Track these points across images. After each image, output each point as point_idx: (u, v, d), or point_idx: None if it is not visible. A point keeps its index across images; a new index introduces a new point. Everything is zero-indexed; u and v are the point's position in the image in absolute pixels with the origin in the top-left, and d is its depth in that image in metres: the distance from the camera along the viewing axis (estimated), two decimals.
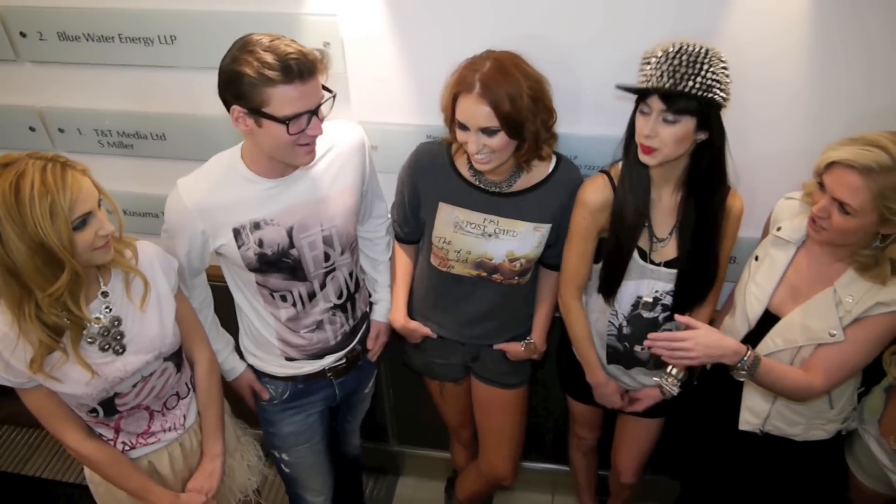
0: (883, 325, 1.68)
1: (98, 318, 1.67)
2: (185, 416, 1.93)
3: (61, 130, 2.36)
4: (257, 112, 1.60)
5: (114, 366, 1.70)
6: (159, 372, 1.81)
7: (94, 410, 1.75)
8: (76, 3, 2.10)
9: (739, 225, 1.89)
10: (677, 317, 1.69)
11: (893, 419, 1.86)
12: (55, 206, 1.45)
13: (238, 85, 1.58)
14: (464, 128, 1.78)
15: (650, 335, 1.69)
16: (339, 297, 2.00)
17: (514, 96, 1.71)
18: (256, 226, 1.81)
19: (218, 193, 1.78)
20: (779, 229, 1.83)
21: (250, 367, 2.14)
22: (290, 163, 1.76)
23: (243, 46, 1.58)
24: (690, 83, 1.61)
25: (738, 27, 1.81)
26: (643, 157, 1.74)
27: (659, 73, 1.62)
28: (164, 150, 2.31)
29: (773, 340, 1.80)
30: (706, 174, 1.78)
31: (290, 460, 2.25)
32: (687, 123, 1.67)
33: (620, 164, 1.86)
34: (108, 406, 1.75)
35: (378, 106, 2.13)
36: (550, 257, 2.06)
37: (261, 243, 1.82)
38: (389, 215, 2.19)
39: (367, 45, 2.02)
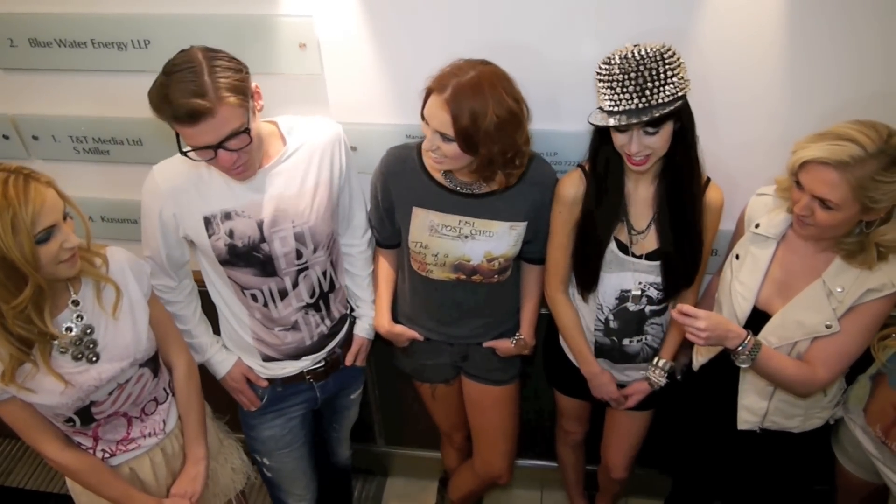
0: (875, 310, 1.70)
1: (69, 329, 1.66)
2: (164, 421, 1.91)
3: (35, 138, 2.32)
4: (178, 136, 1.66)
5: (88, 374, 1.68)
6: (135, 378, 1.79)
7: (70, 420, 1.73)
8: (47, 9, 2.07)
9: (720, 217, 1.90)
10: (681, 306, 1.67)
11: (879, 407, 1.88)
12: (17, 219, 1.43)
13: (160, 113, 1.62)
14: (426, 121, 1.78)
15: (681, 306, 1.67)
16: (312, 295, 2.00)
17: (477, 115, 1.69)
18: (227, 216, 1.82)
19: (190, 180, 1.81)
20: (757, 226, 1.84)
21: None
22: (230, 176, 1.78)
23: (158, 78, 1.60)
24: (661, 94, 1.61)
25: (709, 24, 1.82)
26: (636, 168, 1.75)
27: (626, 95, 1.62)
28: (141, 155, 2.28)
29: (766, 339, 1.79)
30: (681, 163, 1.78)
31: (272, 465, 2.24)
32: (668, 126, 1.68)
33: None
34: (85, 415, 1.74)
35: (356, 106, 2.11)
36: (530, 252, 2.07)
37: (231, 234, 1.83)
38: (369, 227, 2.17)
39: (344, 46, 2.01)
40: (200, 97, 1.54)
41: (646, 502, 2.92)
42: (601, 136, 1.78)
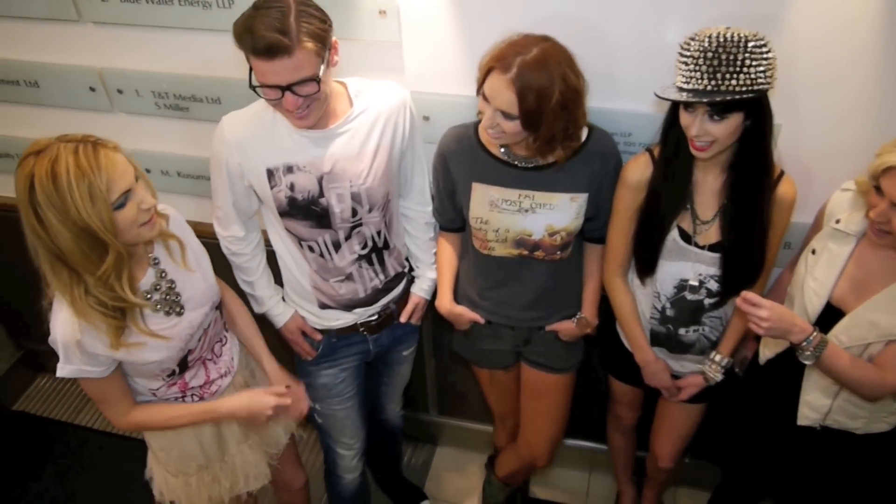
0: None
1: (157, 287, 1.73)
2: (232, 359, 2.01)
3: (120, 91, 2.40)
4: (251, 70, 1.68)
5: (181, 325, 1.77)
6: (213, 321, 1.89)
7: (172, 372, 1.82)
8: None
9: (791, 212, 1.83)
10: (746, 293, 1.64)
11: None
12: (93, 188, 1.46)
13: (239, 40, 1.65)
14: (486, 100, 1.76)
15: (745, 293, 1.64)
16: (364, 247, 2.03)
17: (543, 94, 1.67)
18: (289, 169, 1.87)
19: (256, 133, 1.86)
20: (837, 222, 1.78)
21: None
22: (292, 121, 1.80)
23: (250, 7, 1.64)
24: (733, 82, 1.56)
25: (796, 13, 1.75)
26: (697, 154, 1.71)
27: (698, 74, 1.57)
28: (219, 113, 2.29)
29: (837, 338, 1.74)
30: (752, 158, 1.73)
31: (323, 411, 2.31)
32: (735, 117, 1.63)
33: None
34: (183, 364, 1.84)
35: (431, 76, 2.11)
36: (592, 230, 2.05)
37: (292, 187, 1.88)
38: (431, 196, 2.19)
39: (424, 15, 2.00)
40: (282, 34, 1.57)
41: (695, 493, 2.89)
42: (674, 118, 1.74)
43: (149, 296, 1.71)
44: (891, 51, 1.74)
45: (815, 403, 1.87)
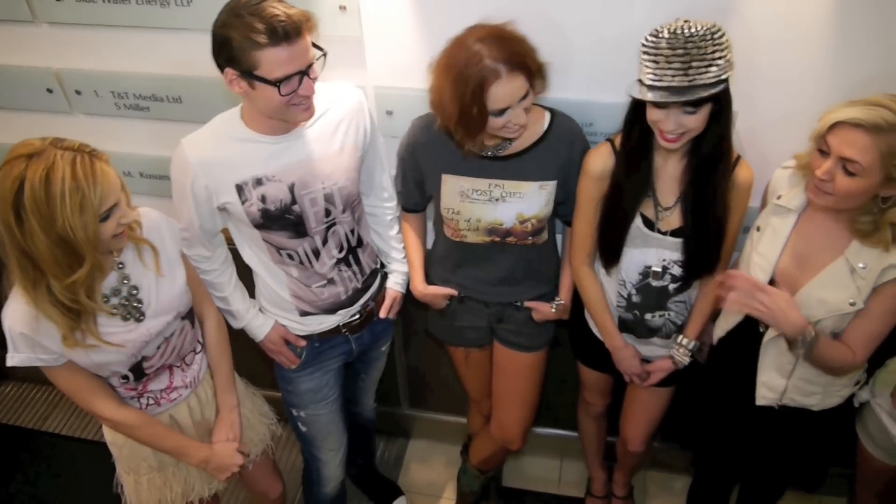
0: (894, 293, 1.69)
1: (116, 291, 1.71)
2: (200, 370, 1.99)
3: (78, 92, 2.37)
4: (249, 75, 1.64)
5: (137, 332, 1.74)
6: (178, 331, 1.86)
7: (125, 377, 1.80)
8: None
9: (749, 195, 1.88)
10: (749, 278, 1.68)
11: None
12: (85, 200, 1.46)
13: (228, 49, 1.62)
14: (500, 113, 1.76)
15: (730, 272, 1.68)
16: (340, 249, 2.03)
17: (529, 51, 1.73)
18: (258, 182, 1.84)
19: (220, 151, 1.83)
20: (779, 198, 1.82)
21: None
22: (288, 120, 1.80)
23: (231, 10, 1.61)
24: (706, 75, 1.60)
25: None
26: (668, 145, 1.74)
27: (671, 71, 1.60)
28: (180, 112, 2.32)
29: None
30: (713, 143, 1.77)
31: (308, 417, 2.29)
32: (707, 107, 1.67)
33: None
34: (138, 370, 1.81)
35: (394, 71, 2.12)
36: (566, 214, 2.07)
37: (263, 199, 1.86)
38: (394, 191, 2.20)
39: (385, 9, 2.01)
40: (290, 17, 1.59)
41: (664, 476, 2.94)
42: (636, 109, 1.77)
43: (107, 299, 1.69)
44: (837, 26, 1.80)
45: (772, 383, 1.92)
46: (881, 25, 1.76)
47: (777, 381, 1.90)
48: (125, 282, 1.72)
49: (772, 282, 1.82)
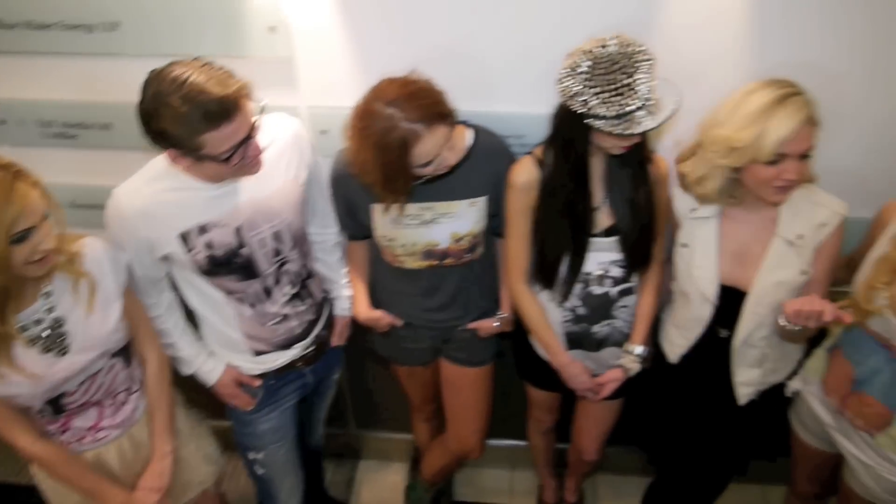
0: (834, 244, 1.83)
1: (38, 321, 1.64)
2: (135, 410, 1.90)
3: (2, 122, 2.30)
4: (194, 154, 1.60)
5: (57, 366, 1.67)
6: (107, 369, 1.79)
7: (40, 410, 1.72)
8: None
9: (668, 185, 1.95)
10: (791, 306, 1.70)
11: (836, 379, 1.94)
12: None
13: (165, 138, 1.57)
14: (427, 164, 1.77)
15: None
16: (294, 286, 2.00)
17: (440, 98, 1.74)
18: (203, 229, 1.78)
19: (159, 200, 1.75)
20: (694, 210, 1.90)
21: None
22: (238, 178, 1.76)
23: (157, 97, 1.52)
24: (653, 86, 1.64)
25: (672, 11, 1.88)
26: (620, 152, 1.77)
27: (630, 98, 1.61)
28: (110, 140, 2.28)
29: (753, 312, 1.86)
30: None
31: (266, 459, 2.22)
32: None
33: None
34: (55, 405, 1.74)
35: (327, 90, 2.12)
36: (498, 226, 2.07)
37: (210, 245, 1.80)
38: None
39: (316, 29, 2.02)
40: (226, 89, 1.52)
41: (616, 478, 2.98)
42: (569, 128, 1.77)
43: (26, 329, 1.63)
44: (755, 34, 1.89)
45: (748, 379, 1.98)
46: (792, 15, 1.87)
47: (752, 374, 1.98)
48: (49, 311, 1.65)
49: (723, 288, 1.89)
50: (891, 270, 1.73)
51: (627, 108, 1.62)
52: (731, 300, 1.89)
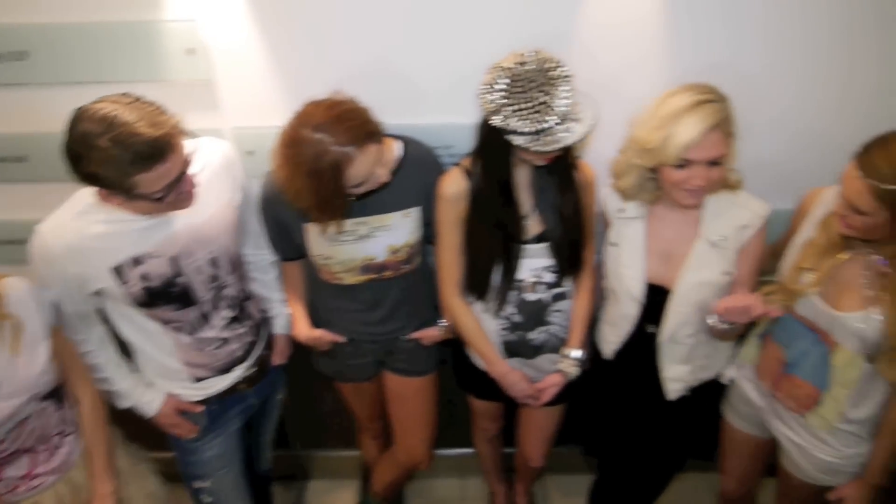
0: (756, 246, 1.88)
1: None
2: (71, 453, 1.83)
3: None
4: (126, 194, 1.56)
5: None
6: (37, 413, 1.71)
7: None
8: None
9: (594, 190, 1.99)
10: (722, 304, 1.77)
11: (767, 363, 2.00)
12: None
13: (96, 180, 1.53)
14: (361, 183, 1.77)
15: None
16: (232, 309, 1.97)
17: (367, 117, 1.73)
18: (137, 261, 1.74)
19: (88, 234, 1.68)
20: (622, 211, 1.95)
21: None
22: (172, 212, 1.72)
23: (83, 138, 1.48)
24: (572, 99, 1.67)
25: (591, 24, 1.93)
26: (543, 163, 1.80)
27: (548, 114, 1.64)
28: (27, 172, 2.19)
29: (677, 311, 1.91)
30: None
31: (213, 486, 2.17)
32: None
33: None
34: None
35: (252, 110, 2.10)
36: (432, 235, 2.06)
37: (145, 277, 1.75)
38: None
39: (233, 48, 2.00)
40: (161, 127, 1.48)
41: (566, 478, 3.00)
42: (494, 141, 1.77)
43: None
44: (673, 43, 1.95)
45: (677, 374, 2.02)
46: (705, 19, 1.93)
47: (681, 370, 2.01)
48: None
49: (650, 286, 1.93)
50: (817, 253, 1.81)
51: (545, 125, 1.65)
52: (657, 298, 1.93)
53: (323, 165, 1.68)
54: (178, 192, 1.62)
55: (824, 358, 1.85)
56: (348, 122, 1.70)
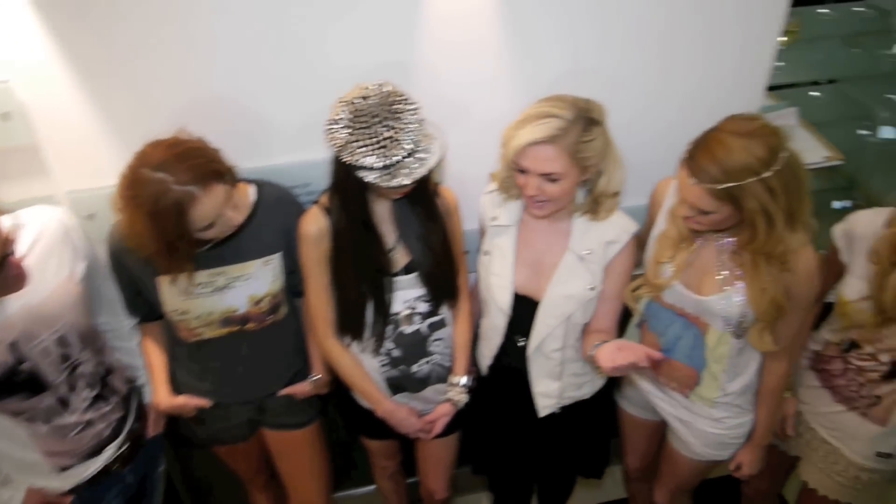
0: (624, 262, 1.90)
1: None
2: None
3: None
4: None
5: None
6: None
7: None
8: None
9: (458, 215, 1.98)
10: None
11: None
12: None
13: None
14: (208, 227, 1.68)
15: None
16: (93, 388, 1.82)
17: (212, 156, 1.67)
18: None
19: None
20: (494, 219, 1.95)
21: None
22: (2, 297, 1.57)
23: None
24: (435, 148, 1.66)
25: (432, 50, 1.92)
26: (399, 196, 1.78)
27: (396, 147, 1.61)
28: None
29: (544, 323, 1.91)
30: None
31: None
32: None
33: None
34: None
35: (84, 171, 1.95)
36: (296, 284, 1.98)
37: None
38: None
39: (54, 107, 1.84)
40: None
41: (469, 498, 3.01)
42: (340, 170, 1.74)
43: None
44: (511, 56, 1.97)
45: (547, 391, 2.02)
46: (559, 28, 1.96)
47: (550, 386, 2.01)
48: None
49: (519, 298, 1.94)
50: (671, 245, 1.89)
51: (394, 159, 1.62)
52: (527, 309, 1.94)
53: (164, 205, 1.59)
54: (3, 279, 1.48)
55: (698, 339, 1.94)
56: (191, 160, 1.61)
